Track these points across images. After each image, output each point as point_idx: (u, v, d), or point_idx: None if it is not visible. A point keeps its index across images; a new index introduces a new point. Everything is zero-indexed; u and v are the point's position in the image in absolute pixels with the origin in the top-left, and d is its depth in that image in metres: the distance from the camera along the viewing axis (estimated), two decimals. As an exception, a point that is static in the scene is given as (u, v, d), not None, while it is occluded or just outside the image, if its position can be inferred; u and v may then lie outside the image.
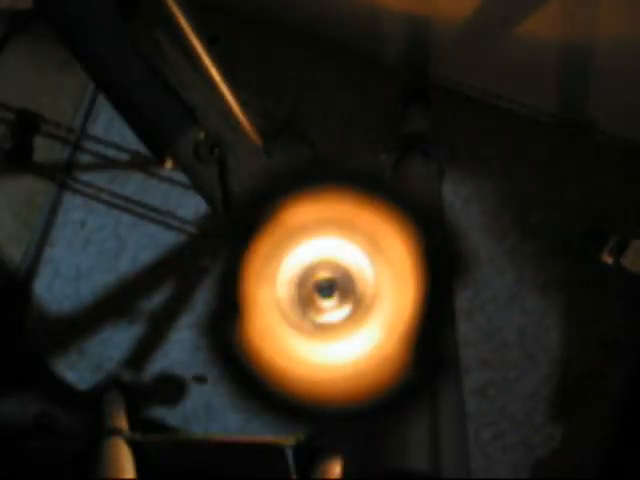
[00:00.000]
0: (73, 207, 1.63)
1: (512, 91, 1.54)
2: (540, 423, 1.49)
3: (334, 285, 0.61)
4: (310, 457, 1.24)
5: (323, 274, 0.61)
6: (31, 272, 1.61)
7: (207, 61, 0.89)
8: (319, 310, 0.61)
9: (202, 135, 0.83)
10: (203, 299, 1.56)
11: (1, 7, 1.43)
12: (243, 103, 0.96)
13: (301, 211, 0.53)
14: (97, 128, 1.64)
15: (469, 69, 1.53)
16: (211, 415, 1.54)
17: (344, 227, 0.57)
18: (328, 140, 1.59)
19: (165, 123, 0.83)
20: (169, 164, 0.95)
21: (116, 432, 1.31)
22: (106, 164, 1.62)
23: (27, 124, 1.54)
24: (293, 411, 0.49)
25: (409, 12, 1.37)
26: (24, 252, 1.60)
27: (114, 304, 1.59)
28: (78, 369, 1.57)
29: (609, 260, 1.41)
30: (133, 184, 1.61)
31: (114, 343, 1.57)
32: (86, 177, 1.63)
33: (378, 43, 1.56)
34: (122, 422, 1.37)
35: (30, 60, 1.60)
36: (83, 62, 0.83)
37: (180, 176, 1.49)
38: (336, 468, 1.18)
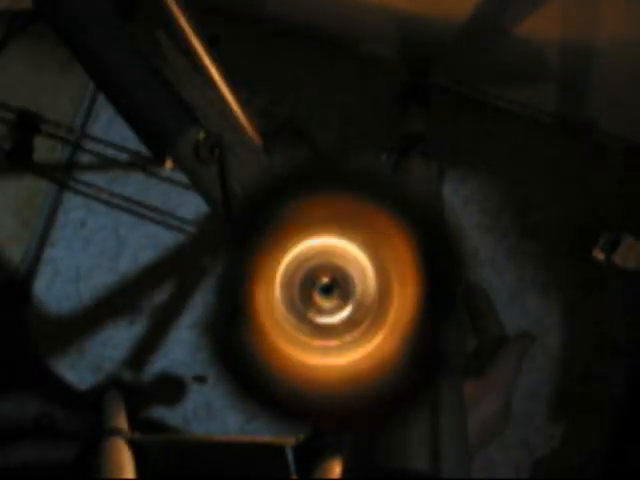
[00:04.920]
0: (73, 207, 1.62)
1: (512, 91, 1.54)
2: (540, 423, 1.49)
3: (334, 285, 0.61)
4: (310, 457, 1.24)
5: (323, 274, 0.61)
6: (31, 272, 1.61)
7: (207, 61, 0.89)
8: (319, 311, 0.61)
9: (202, 135, 0.83)
10: (203, 299, 1.56)
11: (1, 7, 1.43)
12: (243, 103, 0.96)
13: (301, 211, 0.53)
14: (97, 128, 1.64)
15: (469, 69, 1.53)
16: (211, 415, 1.54)
17: (344, 227, 0.57)
18: (328, 140, 1.59)
19: (165, 123, 0.83)
20: (169, 164, 0.95)
21: (116, 432, 1.31)
22: (106, 164, 1.62)
23: (27, 124, 1.54)
24: (293, 411, 0.49)
25: (409, 12, 1.37)
26: (24, 252, 1.60)
27: (114, 304, 1.59)
28: (78, 369, 1.57)
29: (600, 256, 1.41)
30: (133, 184, 1.61)
31: (114, 343, 1.57)
32: (86, 177, 1.63)
33: (378, 43, 1.56)
34: (122, 422, 1.37)
35: (30, 60, 1.60)
36: (83, 62, 0.83)
37: (180, 176, 1.49)
38: (336, 468, 1.18)
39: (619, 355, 1.48)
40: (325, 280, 0.62)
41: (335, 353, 0.56)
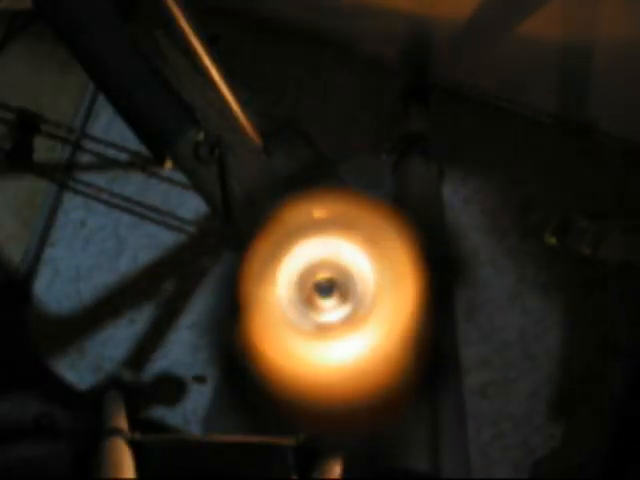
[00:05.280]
0: (73, 207, 1.63)
1: (512, 91, 1.54)
2: (540, 423, 1.49)
3: (334, 285, 0.61)
4: (310, 457, 1.24)
5: (323, 274, 0.61)
6: (31, 272, 1.61)
7: (207, 61, 0.89)
8: (319, 310, 0.61)
9: (202, 136, 0.83)
10: (203, 299, 1.56)
11: (1, 7, 1.43)
12: (243, 103, 0.96)
13: (301, 211, 0.53)
14: (97, 128, 1.64)
15: (469, 69, 1.53)
16: (211, 415, 1.54)
17: (344, 227, 0.57)
18: (328, 140, 1.58)
19: (165, 124, 0.83)
20: (169, 164, 0.95)
21: (116, 432, 1.31)
22: (106, 164, 1.62)
23: (27, 124, 1.54)
24: (293, 411, 0.49)
25: (409, 12, 1.37)
26: (24, 252, 1.60)
27: (114, 304, 1.59)
28: (78, 369, 1.57)
29: (552, 241, 1.38)
30: (133, 184, 1.61)
31: (114, 343, 1.57)
32: (86, 177, 1.63)
33: (378, 43, 1.56)
34: (122, 422, 1.37)
35: (30, 60, 1.60)
36: (83, 62, 0.83)
37: (180, 176, 1.49)
38: (336, 468, 1.18)
39: (620, 355, 1.48)
40: (325, 280, 0.62)
41: (335, 352, 0.56)
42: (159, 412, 1.55)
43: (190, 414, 1.54)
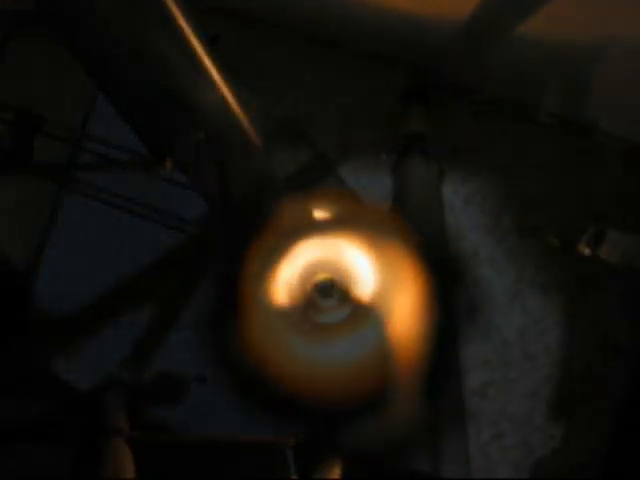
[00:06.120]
0: (73, 207, 1.62)
1: (512, 91, 1.54)
2: (540, 423, 1.49)
3: (334, 285, 0.61)
4: (310, 457, 1.24)
5: (323, 274, 0.61)
6: (31, 272, 1.61)
7: (207, 61, 0.89)
8: (319, 310, 0.61)
9: (202, 135, 0.83)
10: (203, 299, 1.56)
11: (1, 7, 1.43)
12: (243, 103, 0.96)
13: (301, 211, 0.53)
14: (97, 128, 1.64)
15: (469, 69, 1.53)
16: (211, 414, 1.54)
17: (344, 228, 0.57)
18: (328, 140, 1.59)
19: (165, 124, 0.83)
20: (169, 164, 0.95)
21: (116, 432, 1.31)
22: (106, 164, 1.62)
23: (27, 124, 1.54)
24: (293, 410, 0.49)
25: (410, 12, 1.37)
26: (24, 252, 1.60)
27: (114, 304, 1.59)
28: (78, 369, 1.57)
29: (586, 251, 1.39)
30: (133, 184, 1.61)
31: (114, 343, 1.57)
32: (86, 177, 1.63)
33: (378, 43, 1.56)
34: (122, 422, 1.37)
35: (30, 60, 1.61)
36: (83, 62, 0.83)
37: (180, 176, 1.49)
38: (336, 468, 1.18)
39: (620, 355, 1.48)
40: (325, 280, 0.62)
41: (335, 352, 0.56)
42: (159, 412, 1.55)
43: (190, 414, 1.54)
